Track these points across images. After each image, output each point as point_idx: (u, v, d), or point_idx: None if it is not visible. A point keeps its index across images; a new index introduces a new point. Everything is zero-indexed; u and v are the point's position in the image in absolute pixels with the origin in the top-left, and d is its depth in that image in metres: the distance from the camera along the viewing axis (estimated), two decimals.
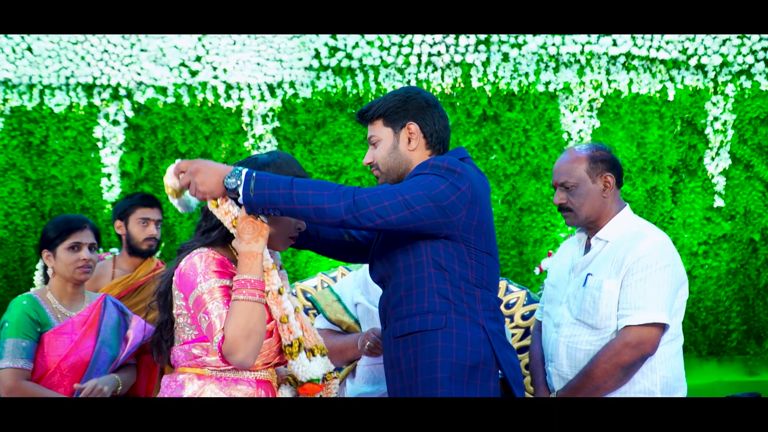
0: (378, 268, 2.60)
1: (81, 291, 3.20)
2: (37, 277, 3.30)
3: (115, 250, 4.32)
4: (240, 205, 2.31)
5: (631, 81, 7.94)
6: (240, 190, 2.26)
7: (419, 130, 2.56)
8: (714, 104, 7.96)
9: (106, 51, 8.05)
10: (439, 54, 7.94)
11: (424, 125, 2.57)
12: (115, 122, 8.11)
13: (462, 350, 2.39)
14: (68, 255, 3.12)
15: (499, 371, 2.45)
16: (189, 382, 2.31)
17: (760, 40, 7.86)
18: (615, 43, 7.89)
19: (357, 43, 7.95)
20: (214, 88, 8.07)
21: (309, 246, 2.74)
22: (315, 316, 3.41)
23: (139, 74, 8.05)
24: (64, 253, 3.12)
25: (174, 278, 2.33)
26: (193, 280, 2.27)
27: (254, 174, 2.27)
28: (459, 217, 2.41)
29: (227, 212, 2.31)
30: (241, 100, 8.08)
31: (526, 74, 7.92)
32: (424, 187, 2.37)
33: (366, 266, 3.39)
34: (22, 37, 8.03)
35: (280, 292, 2.34)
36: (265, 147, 8.03)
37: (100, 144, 8.09)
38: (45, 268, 3.21)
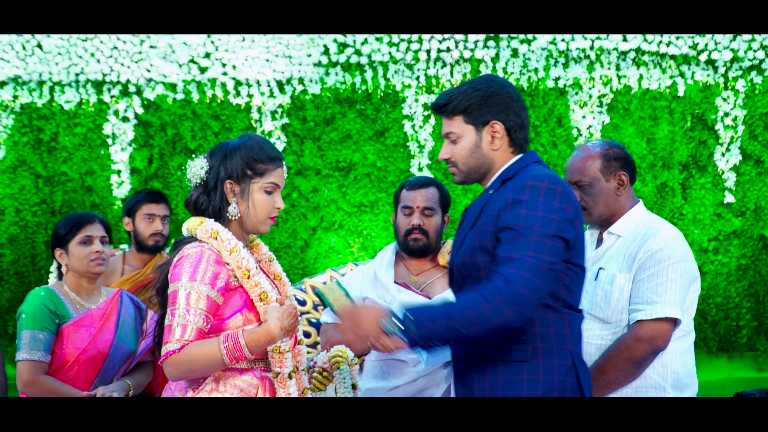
0: (459, 281, 2.45)
1: (97, 286, 3.21)
2: (52, 279, 3.30)
3: (125, 246, 4.33)
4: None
5: (641, 76, 7.91)
6: (404, 337, 2.18)
7: (504, 129, 2.41)
8: (724, 100, 7.93)
9: (115, 48, 8.07)
10: (448, 50, 7.93)
11: (508, 122, 2.41)
12: (125, 119, 8.13)
13: (549, 381, 2.29)
14: (80, 249, 3.13)
15: None
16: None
17: None
18: (625, 39, 7.86)
19: (366, 39, 7.95)
20: (224, 85, 8.08)
21: None
22: (323, 310, 3.42)
23: (148, 71, 8.07)
24: (76, 248, 3.13)
25: (169, 272, 2.31)
26: (180, 273, 2.25)
27: (410, 316, 2.18)
28: (572, 237, 2.31)
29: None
30: (250, 96, 8.09)
31: (536, 70, 7.91)
32: (543, 229, 2.23)
33: (373, 261, 3.40)
34: (32, 34, 8.06)
35: (290, 377, 2.32)
36: (274, 143, 8.04)
37: (109, 140, 8.12)
38: (59, 268, 3.22)
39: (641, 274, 2.74)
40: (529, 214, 2.25)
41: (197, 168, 2.37)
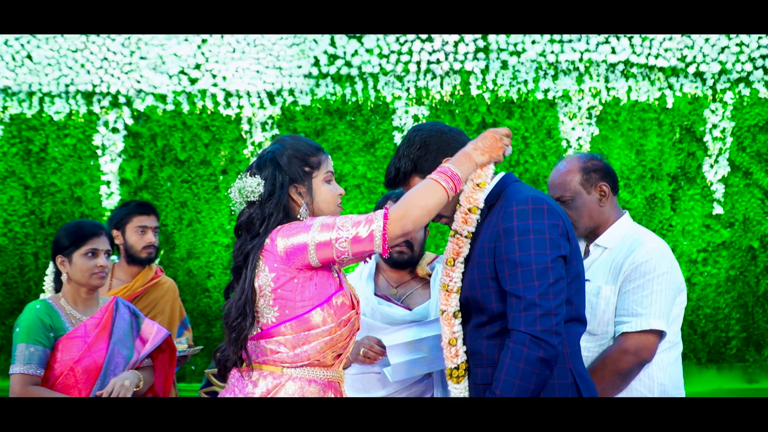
0: (467, 314, 2.46)
1: (95, 296, 3.19)
2: (47, 283, 3.28)
3: (114, 257, 4.31)
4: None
5: (629, 88, 7.95)
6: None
7: None
8: (713, 112, 7.98)
9: (105, 59, 8.07)
10: (438, 62, 7.95)
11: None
12: (115, 130, 8.12)
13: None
14: (84, 261, 3.11)
15: None
16: (263, 380, 2.30)
17: (759, 48, 7.88)
18: (614, 51, 7.90)
19: (356, 51, 7.97)
20: (214, 96, 8.08)
21: None
22: None
23: (138, 82, 8.07)
24: (80, 259, 3.11)
25: (262, 252, 2.27)
26: (303, 230, 2.25)
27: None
28: (567, 251, 2.34)
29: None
30: (240, 107, 8.09)
31: (525, 82, 7.94)
32: (539, 251, 2.26)
33: (352, 273, 3.38)
34: (22, 45, 8.05)
35: (455, 316, 2.35)
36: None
37: (99, 151, 8.10)
38: (56, 274, 3.20)
39: (627, 286, 2.75)
40: (522, 240, 2.29)
41: (254, 185, 2.33)
